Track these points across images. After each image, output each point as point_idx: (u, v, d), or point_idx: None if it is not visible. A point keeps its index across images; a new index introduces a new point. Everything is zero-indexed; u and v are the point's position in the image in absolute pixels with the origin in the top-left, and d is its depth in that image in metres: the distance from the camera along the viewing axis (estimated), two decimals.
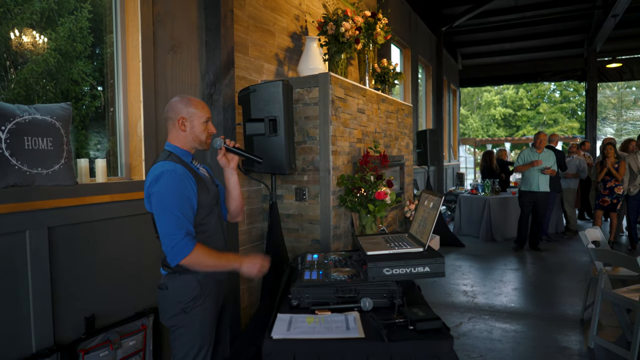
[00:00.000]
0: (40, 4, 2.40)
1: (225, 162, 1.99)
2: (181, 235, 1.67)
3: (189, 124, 1.84)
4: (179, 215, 1.68)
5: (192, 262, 1.70)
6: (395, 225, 4.79)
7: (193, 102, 1.87)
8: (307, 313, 1.69)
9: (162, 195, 1.69)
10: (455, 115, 12.97)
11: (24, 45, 2.36)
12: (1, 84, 2.30)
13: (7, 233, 1.91)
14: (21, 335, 1.96)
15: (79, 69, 2.63)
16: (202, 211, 1.81)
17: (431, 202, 2.03)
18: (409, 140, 5.40)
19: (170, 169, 1.71)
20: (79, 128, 2.68)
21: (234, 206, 2.08)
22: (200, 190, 1.79)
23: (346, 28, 3.83)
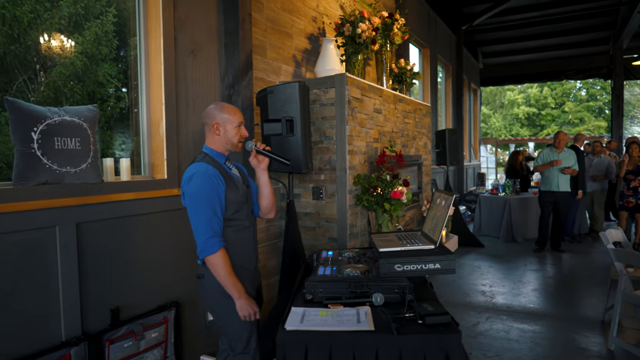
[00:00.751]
0: (68, 9, 2.48)
1: (256, 162, 2.15)
2: (209, 234, 1.86)
3: (222, 129, 2.03)
4: (209, 212, 1.87)
5: (211, 263, 1.88)
6: (412, 224, 4.81)
7: (226, 108, 2.05)
8: (320, 307, 1.75)
9: (194, 194, 1.89)
10: (476, 115, 12.84)
11: (52, 49, 2.44)
12: (32, 87, 2.38)
13: (39, 228, 2.02)
14: (52, 325, 2.07)
15: (104, 71, 2.70)
16: (232, 207, 1.98)
17: (443, 200, 2.06)
18: (427, 140, 5.41)
19: (202, 170, 1.91)
20: (104, 128, 2.76)
21: (264, 203, 2.23)
22: (229, 189, 1.96)
23: (363, 29, 3.87)
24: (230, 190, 1.98)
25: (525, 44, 12.41)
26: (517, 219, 7.16)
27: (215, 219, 1.90)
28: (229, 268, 1.90)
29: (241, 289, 1.93)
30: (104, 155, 2.62)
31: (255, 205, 2.26)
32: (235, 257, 1.98)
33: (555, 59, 12.99)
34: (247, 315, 1.93)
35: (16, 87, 2.33)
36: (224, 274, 1.89)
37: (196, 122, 2.89)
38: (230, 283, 1.90)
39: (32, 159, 1.97)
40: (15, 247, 1.94)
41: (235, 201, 2.00)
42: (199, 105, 2.92)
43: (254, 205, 2.24)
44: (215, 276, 1.91)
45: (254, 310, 1.95)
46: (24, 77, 2.36)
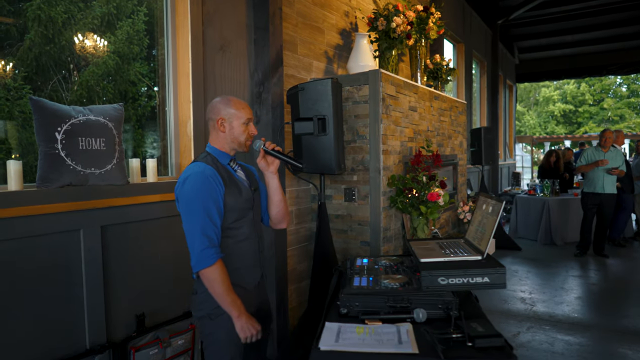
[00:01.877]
0: (101, 9, 2.50)
1: (264, 165, 1.87)
2: (205, 244, 1.64)
3: (227, 125, 1.79)
4: (204, 219, 1.65)
5: (207, 277, 1.65)
6: (447, 227, 4.61)
7: (233, 102, 1.81)
8: (356, 322, 1.61)
9: (188, 198, 1.66)
10: (511, 112, 12.40)
11: (86, 48, 2.46)
12: (66, 86, 2.40)
13: (63, 231, 1.96)
14: (76, 332, 2.01)
15: (135, 70, 2.69)
16: (231, 215, 1.74)
17: (490, 206, 1.88)
18: (463, 139, 5.18)
19: (198, 170, 1.69)
20: (135, 127, 2.74)
21: (274, 212, 1.96)
22: (229, 193, 1.73)
23: (397, 23, 3.69)
24: (231, 194, 1.74)
25: (563, 38, 11.89)
26: (556, 221, 6.82)
27: (212, 227, 1.66)
28: (228, 283, 1.66)
29: (241, 307, 1.68)
30: (135, 154, 2.57)
31: (265, 213, 2.01)
32: (233, 273, 1.73)
33: (596, 54, 12.39)
34: (249, 335, 1.69)
35: (51, 87, 2.35)
36: (222, 291, 1.65)
37: None
38: (228, 300, 1.66)
39: (56, 160, 1.91)
40: (39, 251, 1.88)
41: (237, 208, 1.76)
42: None
43: (263, 213, 2.00)
44: (211, 292, 1.67)
45: (256, 329, 1.71)
46: (58, 77, 2.38)
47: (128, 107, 2.64)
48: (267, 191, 1.94)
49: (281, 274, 3.06)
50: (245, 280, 1.81)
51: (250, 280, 1.83)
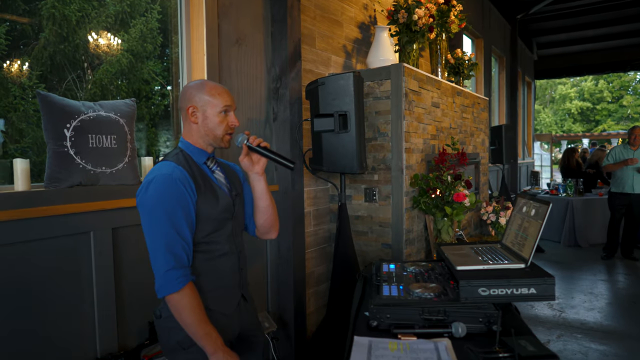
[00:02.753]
0: (115, 7, 2.47)
1: (248, 164, 1.58)
2: (170, 264, 1.35)
3: (200, 115, 1.49)
4: (171, 232, 1.36)
5: (173, 305, 1.37)
6: (470, 228, 4.43)
7: (207, 86, 1.50)
8: (388, 336, 1.47)
9: (151, 207, 1.37)
10: (530, 110, 12.12)
11: (99, 47, 2.41)
12: (80, 85, 2.36)
13: (72, 234, 1.85)
14: (86, 339, 1.90)
15: (149, 68, 2.64)
16: (205, 227, 1.46)
17: (533, 209, 1.72)
18: (485, 137, 4.99)
19: (165, 172, 1.39)
20: (149, 126, 2.69)
21: (261, 220, 1.68)
22: (204, 200, 1.45)
23: (419, 15, 3.53)
24: (206, 202, 1.45)
25: (584, 32, 11.54)
26: (580, 222, 6.58)
27: (180, 242, 1.37)
28: (200, 313, 1.37)
29: (217, 340, 1.39)
30: (149, 154, 2.47)
31: (251, 221, 1.71)
32: (207, 295, 1.46)
33: (618, 49, 12.01)
34: None
35: (65, 86, 2.32)
36: (193, 321, 1.36)
37: (241, 116, 2.66)
38: (201, 333, 1.36)
39: (65, 159, 1.79)
40: (48, 255, 1.77)
41: (213, 218, 1.47)
42: (244, 99, 2.69)
43: (247, 221, 1.72)
44: (180, 323, 1.37)
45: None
46: (72, 76, 2.34)
47: (141, 105, 2.57)
48: (253, 195, 1.65)
49: (299, 277, 2.92)
50: (222, 305, 1.52)
51: (228, 305, 1.54)
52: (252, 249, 2.76)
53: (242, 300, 1.62)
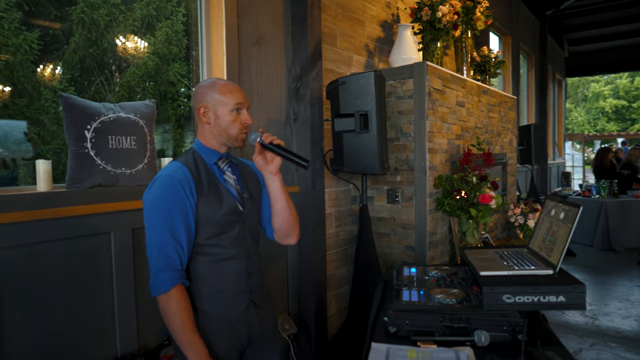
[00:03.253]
0: (141, 11, 2.51)
1: (262, 162, 1.51)
2: (160, 265, 1.34)
3: (212, 114, 1.46)
4: (165, 234, 1.34)
5: (160, 307, 1.35)
6: (497, 230, 4.31)
7: (218, 85, 1.47)
8: (407, 344, 1.41)
9: (150, 206, 1.37)
10: (561, 109, 11.75)
11: (127, 50, 2.46)
12: (108, 87, 2.41)
13: (93, 234, 1.86)
14: (106, 338, 1.91)
15: (175, 70, 2.66)
16: (207, 229, 1.42)
17: (562, 212, 1.64)
18: (512, 137, 4.85)
19: (168, 173, 1.38)
20: (175, 127, 2.70)
21: (278, 223, 1.60)
22: (205, 203, 1.41)
23: (443, 12, 3.45)
24: (207, 204, 1.41)
25: (617, 28, 11.09)
26: (615, 225, 6.32)
27: (172, 244, 1.34)
28: (186, 319, 1.33)
29: (200, 351, 1.33)
30: (175, 155, 2.50)
31: (269, 224, 1.65)
32: (208, 300, 1.43)
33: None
34: None
35: (94, 88, 2.38)
36: (177, 327, 1.32)
37: (261, 117, 2.64)
38: (184, 340, 1.32)
39: (86, 160, 1.81)
40: (68, 255, 1.79)
41: (215, 221, 1.43)
42: (264, 99, 2.68)
43: (265, 224, 1.66)
44: (167, 326, 1.35)
45: None
46: (101, 79, 2.39)
47: (167, 107, 2.59)
48: (270, 197, 1.58)
49: (319, 279, 2.89)
50: (225, 310, 1.46)
51: (232, 310, 1.48)
52: (272, 250, 2.74)
53: (252, 306, 1.54)
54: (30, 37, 2.10)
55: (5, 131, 2.09)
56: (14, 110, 2.12)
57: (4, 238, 1.60)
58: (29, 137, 2.16)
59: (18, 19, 2.06)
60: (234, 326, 1.47)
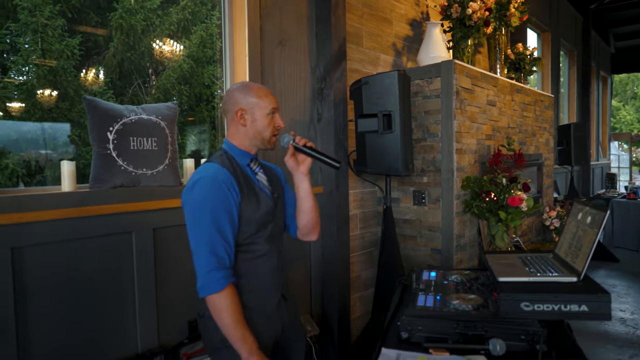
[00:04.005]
0: (177, 16, 2.57)
1: (293, 163, 1.58)
2: (212, 265, 1.37)
3: (249, 117, 1.50)
4: (214, 234, 1.38)
5: (212, 305, 1.39)
6: (531, 234, 4.15)
7: (254, 89, 1.52)
8: (418, 350, 1.37)
9: (196, 208, 1.40)
10: (606, 107, 11.21)
11: (163, 53, 2.52)
12: (145, 90, 2.48)
13: (114, 233, 1.91)
14: (127, 335, 1.96)
15: (209, 73, 2.69)
16: (247, 229, 1.48)
17: (589, 216, 1.55)
18: (549, 136, 4.66)
19: (210, 174, 1.41)
20: (210, 128, 2.74)
21: (304, 221, 1.66)
22: (247, 203, 1.46)
23: (473, 9, 3.34)
24: (249, 204, 1.47)
25: None
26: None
27: (222, 244, 1.39)
28: (238, 315, 1.39)
29: (252, 345, 1.40)
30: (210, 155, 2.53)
31: (292, 222, 1.70)
32: (249, 295, 1.50)
33: None
34: None
35: (132, 91, 2.46)
36: (230, 322, 1.37)
37: (285, 117, 2.65)
38: (237, 336, 1.38)
39: (108, 161, 1.86)
40: (91, 254, 1.85)
41: (255, 221, 1.48)
42: (287, 100, 2.68)
43: (289, 222, 1.71)
44: (217, 323, 1.40)
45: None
46: (138, 82, 2.47)
47: (202, 108, 2.63)
48: (296, 196, 1.65)
49: (343, 281, 2.86)
50: (261, 303, 1.53)
51: (269, 304, 1.56)
52: (296, 251, 2.74)
53: (282, 300, 1.63)
54: (72, 43, 2.18)
55: (50, 134, 2.18)
56: (57, 113, 2.20)
57: (30, 236, 1.67)
58: (70, 138, 2.25)
59: (61, 26, 2.15)
60: (270, 319, 1.55)
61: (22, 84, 2.08)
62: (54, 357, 1.75)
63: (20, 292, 1.66)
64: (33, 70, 2.11)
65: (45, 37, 2.12)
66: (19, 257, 1.65)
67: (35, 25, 2.09)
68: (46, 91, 2.14)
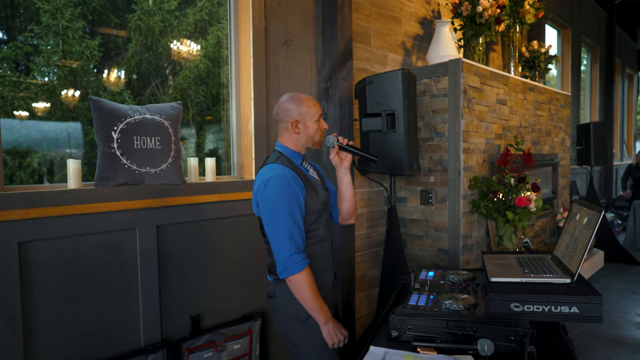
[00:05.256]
0: (194, 16, 2.61)
1: (338, 160, 1.83)
2: (292, 250, 1.60)
3: (302, 126, 1.73)
4: (291, 223, 1.60)
5: (295, 283, 1.62)
6: (543, 235, 4.07)
7: (304, 100, 1.74)
8: (406, 349, 1.38)
9: (272, 203, 1.61)
10: (631, 105, 10.89)
11: (181, 54, 2.56)
12: (163, 90, 2.52)
13: (118, 230, 1.96)
14: (131, 330, 2.01)
15: (226, 72, 2.73)
16: (310, 217, 1.70)
17: (585, 216, 1.52)
18: (565, 136, 4.56)
19: (279, 173, 1.62)
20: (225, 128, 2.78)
21: (346, 208, 1.94)
22: (309, 196, 1.69)
23: (484, 7, 3.31)
24: (310, 197, 1.70)
25: None
26: None
27: (298, 232, 1.63)
28: (315, 289, 1.64)
29: (328, 312, 1.67)
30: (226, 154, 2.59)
31: (335, 209, 1.98)
32: (315, 274, 1.70)
33: None
34: (337, 341, 1.68)
35: (150, 91, 2.50)
36: (310, 297, 1.62)
37: None
38: (316, 307, 1.63)
39: (112, 159, 1.91)
40: (95, 249, 1.90)
41: (315, 210, 1.72)
42: None
43: (332, 210, 1.97)
44: (298, 299, 1.64)
45: (343, 335, 1.70)
46: (156, 82, 2.51)
47: (219, 108, 2.66)
48: (339, 187, 1.91)
49: (348, 280, 2.87)
50: (324, 281, 1.78)
51: (327, 280, 1.80)
52: None
53: (334, 279, 1.89)
54: (92, 44, 2.25)
55: (69, 132, 2.24)
56: (77, 113, 2.27)
57: (37, 232, 1.73)
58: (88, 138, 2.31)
59: (81, 28, 2.21)
60: (328, 294, 1.80)
61: (44, 84, 2.15)
62: (58, 348, 1.81)
63: (26, 285, 1.72)
64: (54, 71, 2.18)
65: (66, 39, 2.18)
66: (26, 251, 1.72)
67: (57, 27, 2.16)
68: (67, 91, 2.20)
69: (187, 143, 2.61)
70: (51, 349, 1.79)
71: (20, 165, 2.03)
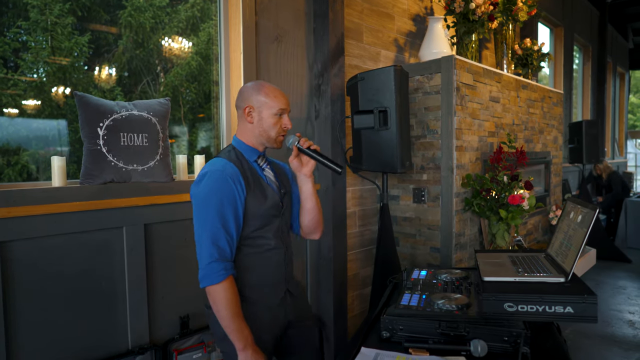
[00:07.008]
0: (186, 13, 2.57)
1: (297, 164, 1.62)
2: (213, 256, 1.40)
3: (256, 115, 1.55)
4: (217, 226, 1.41)
5: (211, 296, 1.41)
6: (536, 233, 4.07)
7: (265, 88, 1.56)
8: (398, 350, 1.35)
9: (201, 200, 1.43)
10: (623, 104, 10.95)
11: (172, 50, 2.52)
12: (154, 87, 2.48)
13: (105, 228, 1.92)
14: (118, 331, 1.97)
15: (217, 70, 2.71)
16: (253, 222, 1.50)
17: (579, 215, 1.50)
18: (558, 134, 4.56)
19: (217, 168, 1.45)
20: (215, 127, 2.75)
21: (307, 220, 1.70)
22: (252, 197, 1.49)
23: (477, 3, 3.28)
24: (254, 199, 1.49)
25: None
26: None
27: (224, 236, 1.42)
28: (235, 307, 1.41)
29: (247, 337, 1.42)
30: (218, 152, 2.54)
31: (296, 220, 1.74)
32: (253, 289, 1.52)
33: None
34: None
35: (140, 89, 2.45)
36: (226, 314, 1.39)
37: None
38: (233, 327, 1.40)
39: (98, 156, 1.87)
40: (82, 248, 1.86)
41: (260, 214, 1.51)
42: None
43: (292, 221, 1.74)
44: (215, 314, 1.43)
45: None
46: (147, 79, 2.46)
47: (211, 105, 2.62)
48: (300, 196, 1.69)
49: (340, 279, 2.84)
50: (267, 298, 1.56)
51: (273, 298, 1.58)
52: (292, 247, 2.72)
53: (288, 295, 1.64)
54: (81, 40, 2.19)
55: (59, 130, 2.19)
56: (66, 110, 2.22)
57: (20, 231, 1.68)
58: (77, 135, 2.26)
59: (71, 24, 2.16)
60: (273, 313, 1.57)
61: (33, 81, 2.10)
62: (43, 350, 1.76)
63: (8, 286, 1.67)
64: (43, 68, 2.13)
65: (55, 35, 2.13)
66: (7, 251, 1.67)
67: (45, 23, 2.11)
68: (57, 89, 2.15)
69: (179, 141, 2.57)
70: (35, 351, 1.74)
71: (9, 163, 1.97)
